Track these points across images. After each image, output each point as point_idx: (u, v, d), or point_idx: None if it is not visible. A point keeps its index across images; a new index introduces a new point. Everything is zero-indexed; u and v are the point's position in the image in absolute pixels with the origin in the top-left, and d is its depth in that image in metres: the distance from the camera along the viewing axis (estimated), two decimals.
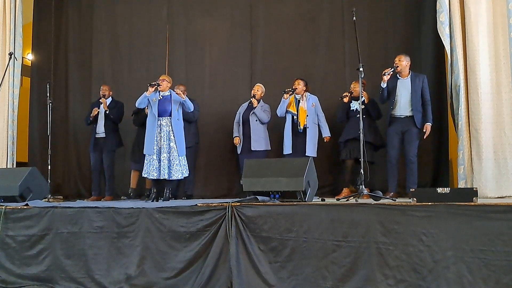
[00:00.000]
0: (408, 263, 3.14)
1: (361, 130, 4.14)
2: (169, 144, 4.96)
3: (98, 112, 5.99)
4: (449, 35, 4.69)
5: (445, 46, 4.72)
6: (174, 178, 4.96)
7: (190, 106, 5.14)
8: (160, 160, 4.94)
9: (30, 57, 7.51)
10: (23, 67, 6.50)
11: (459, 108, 4.60)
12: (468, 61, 4.61)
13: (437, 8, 4.74)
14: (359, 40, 4.22)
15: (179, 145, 4.99)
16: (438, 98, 5.58)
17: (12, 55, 5.59)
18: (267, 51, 6.39)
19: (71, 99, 7.04)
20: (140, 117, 5.92)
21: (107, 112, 5.91)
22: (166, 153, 4.93)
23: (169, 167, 4.94)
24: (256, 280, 3.55)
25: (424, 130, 4.78)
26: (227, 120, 5.97)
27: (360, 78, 4.18)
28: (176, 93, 5.04)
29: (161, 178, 4.95)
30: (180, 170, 4.97)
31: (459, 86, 4.61)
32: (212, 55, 6.60)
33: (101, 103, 5.98)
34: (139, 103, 5.10)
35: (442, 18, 4.69)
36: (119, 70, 6.91)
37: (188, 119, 5.62)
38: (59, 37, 7.14)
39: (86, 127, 6.47)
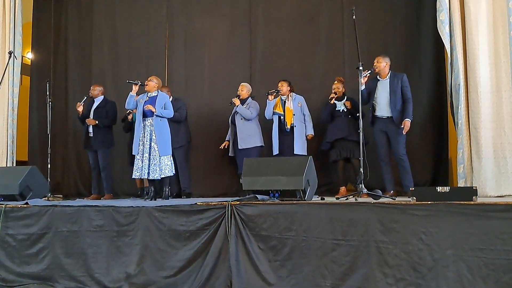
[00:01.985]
0: (408, 262, 3.14)
1: (360, 129, 4.15)
2: (150, 144, 4.97)
3: (86, 108, 5.98)
4: (449, 34, 4.69)
5: (445, 45, 4.72)
6: (151, 177, 4.96)
7: (165, 115, 5.10)
8: (143, 160, 4.96)
9: (29, 55, 7.51)
10: (23, 66, 6.50)
11: (459, 107, 4.60)
12: (468, 60, 4.61)
13: (437, 7, 4.74)
14: (359, 39, 4.21)
15: (160, 145, 4.98)
16: (438, 97, 5.59)
17: (12, 54, 5.59)
18: (267, 50, 6.38)
19: (70, 97, 7.03)
20: (127, 123, 5.96)
21: (98, 123, 5.89)
22: (147, 153, 4.95)
23: (148, 167, 4.95)
24: (255, 279, 3.55)
25: (402, 126, 4.75)
26: (226, 118, 5.96)
27: (360, 77, 4.18)
28: (146, 107, 4.99)
29: (142, 177, 5.00)
30: (157, 170, 4.94)
31: (459, 85, 4.60)
32: (212, 54, 6.60)
33: (96, 103, 5.99)
34: (127, 103, 5.15)
35: (442, 17, 4.68)
36: (118, 69, 6.90)
37: (175, 120, 5.59)
38: (59, 36, 7.14)
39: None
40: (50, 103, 5.54)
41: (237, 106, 5.52)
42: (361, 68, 4.15)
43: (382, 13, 5.97)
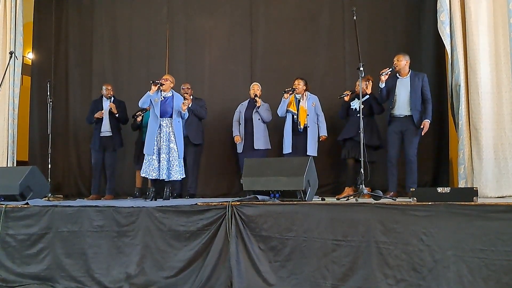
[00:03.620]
0: (408, 263, 3.14)
1: (361, 130, 4.15)
2: (168, 145, 4.97)
3: (97, 109, 6.02)
4: (449, 35, 4.69)
5: (445, 45, 4.72)
6: (173, 178, 4.98)
7: (185, 115, 5.15)
8: (159, 161, 4.95)
9: (30, 56, 7.51)
10: (24, 66, 6.50)
11: (460, 107, 4.60)
12: (469, 60, 4.61)
13: (437, 8, 4.74)
14: (359, 39, 4.21)
15: (180, 146, 5.01)
16: (439, 98, 5.58)
17: (13, 54, 5.59)
18: (267, 50, 6.39)
19: (71, 97, 7.05)
20: (135, 123, 5.99)
21: (117, 115, 5.93)
22: (165, 154, 4.95)
23: (168, 168, 4.95)
24: (256, 279, 3.55)
25: (422, 127, 4.76)
26: (227, 119, 5.97)
27: (360, 77, 4.17)
28: (183, 103, 5.01)
29: (160, 178, 4.97)
30: (179, 171, 5.00)
31: (459, 85, 4.60)
32: (212, 54, 6.60)
33: (108, 103, 6.02)
34: (143, 102, 5.04)
35: (443, 18, 4.68)
36: (119, 69, 6.92)
37: (200, 116, 5.74)
38: (60, 36, 7.15)
39: (86, 126, 6.48)
40: (51, 103, 5.55)
41: (258, 106, 5.52)
42: (361, 68, 4.14)
43: (383, 13, 5.98)
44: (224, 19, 6.59)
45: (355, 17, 4.26)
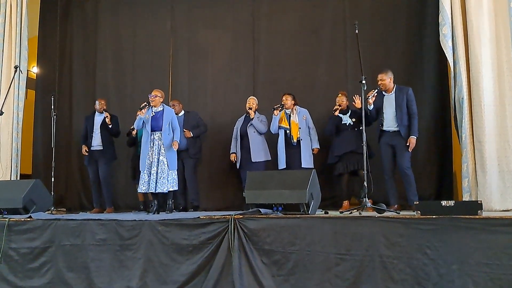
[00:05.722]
0: (413, 277, 3.11)
1: (364, 142, 4.15)
2: (159, 158, 4.98)
3: (89, 124, 6.06)
4: (451, 48, 4.70)
5: (447, 58, 4.73)
6: (159, 191, 4.96)
7: (178, 133, 5.14)
8: (150, 174, 4.96)
9: (35, 70, 7.58)
10: (28, 80, 6.55)
11: (463, 120, 4.59)
12: (471, 73, 4.61)
13: (439, 21, 4.76)
14: (361, 53, 4.23)
15: (170, 159, 5.00)
16: (442, 111, 5.58)
17: (18, 68, 5.65)
18: (270, 63, 6.42)
19: (75, 111, 7.07)
20: (131, 138, 6.01)
21: (110, 126, 5.92)
22: (155, 167, 4.95)
23: (156, 181, 4.95)
24: None
25: (408, 144, 4.74)
26: (230, 131, 5.97)
27: (362, 91, 4.19)
28: (173, 145, 5.05)
29: (149, 191, 4.99)
30: (166, 184, 4.96)
31: (462, 98, 4.60)
32: (215, 67, 6.64)
33: (100, 118, 6.01)
34: (136, 125, 5.19)
35: (445, 31, 4.71)
36: (123, 83, 6.95)
37: (202, 133, 5.92)
38: (64, 51, 7.20)
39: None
40: (55, 116, 5.57)
41: (252, 119, 5.54)
42: (364, 81, 4.15)
43: (385, 26, 6.00)
44: (226, 32, 6.64)
45: (357, 31, 4.28)
